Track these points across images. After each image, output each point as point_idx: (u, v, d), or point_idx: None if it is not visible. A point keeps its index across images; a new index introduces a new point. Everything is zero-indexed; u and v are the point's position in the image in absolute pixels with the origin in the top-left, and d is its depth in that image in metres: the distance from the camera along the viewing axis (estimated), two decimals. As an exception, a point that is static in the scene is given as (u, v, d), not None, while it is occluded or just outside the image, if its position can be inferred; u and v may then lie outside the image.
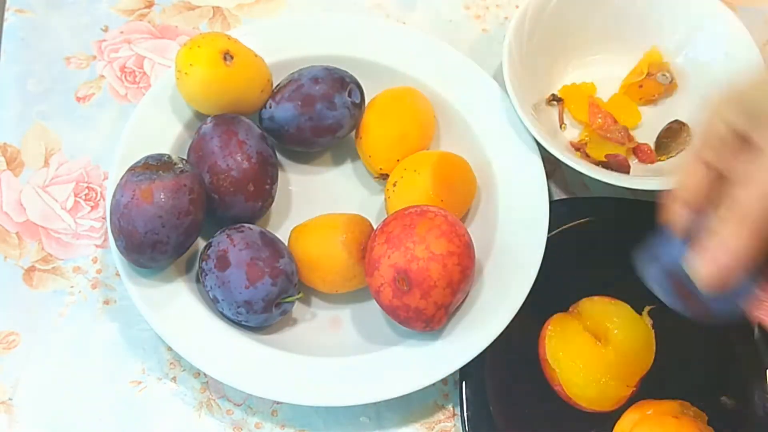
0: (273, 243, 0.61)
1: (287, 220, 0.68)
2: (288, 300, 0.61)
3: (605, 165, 0.69)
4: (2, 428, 0.61)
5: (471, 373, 0.61)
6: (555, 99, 0.73)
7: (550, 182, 0.69)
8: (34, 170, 0.70)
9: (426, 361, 0.60)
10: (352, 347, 0.63)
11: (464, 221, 0.67)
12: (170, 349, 0.62)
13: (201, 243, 0.64)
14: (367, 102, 0.68)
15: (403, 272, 0.58)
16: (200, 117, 0.67)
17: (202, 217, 0.61)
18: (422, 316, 0.59)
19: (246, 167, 0.62)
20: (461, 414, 0.61)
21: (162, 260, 0.61)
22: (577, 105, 0.73)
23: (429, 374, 0.60)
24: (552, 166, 0.69)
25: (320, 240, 0.63)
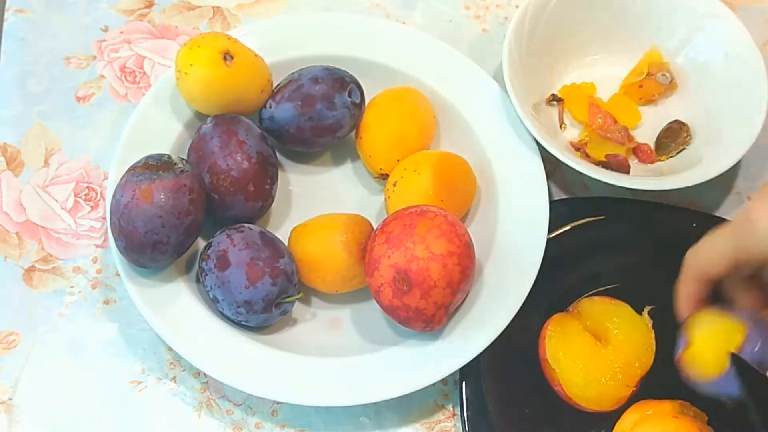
0: (273, 243, 0.61)
1: (287, 220, 0.68)
2: (288, 300, 0.61)
3: (605, 165, 0.69)
4: (2, 428, 0.61)
5: (471, 373, 0.61)
6: (555, 99, 0.73)
7: (550, 182, 0.69)
8: (34, 170, 0.70)
9: (426, 361, 0.60)
10: (352, 347, 0.63)
11: (464, 221, 0.67)
12: (170, 349, 0.62)
13: (201, 243, 0.64)
14: (367, 102, 0.68)
15: (403, 272, 0.58)
16: (200, 117, 0.67)
17: (202, 217, 0.61)
18: (422, 316, 0.59)
19: (246, 167, 0.62)
20: (461, 414, 0.61)
21: (162, 260, 0.61)
22: (577, 105, 0.73)
23: (429, 374, 0.60)
24: (552, 166, 0.69)
25: (320, 240, 0.63)
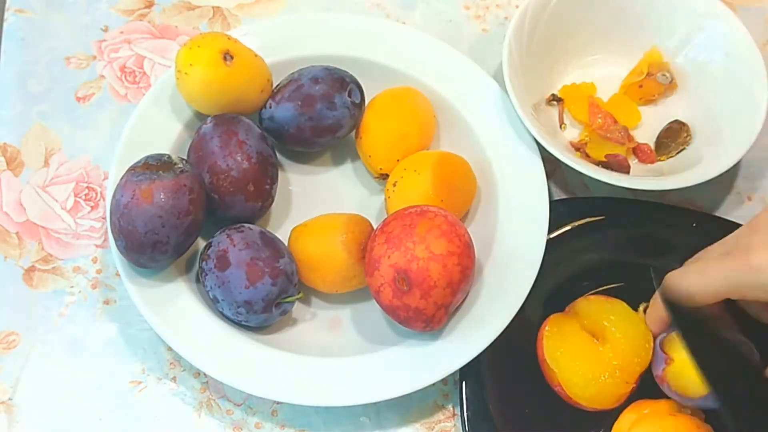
0: (273, 243, 0.61)
1: (287, 220, 0.68)
2: (288, 300, 0.61)
3: (605, 165, 0.69)
4: (2, 428, 0.61)
5: (471, 373, 0.61)
6: (555, 99, 0.73)
7: (550, 182, 0.69)
8: (34, 170, 0.70)
9: (426, 361, 0.60)
10: (352, 347, 0.63)
11: (464, 221, 0.67)
12: (170, 349, 0.62)
13: (201, 243, 0.64)
14: (367, 102, 0.68)
15: (403, 272, 0.58)
16: (200, 117, 0.67)
17: (202, 217, 0.61)
18: (422, 316, 0.59)
19: (246, 167, 0.62)
20: (461, 414, 0.60)
21: (162, 260, 0.61)
22: (577, 105, 0.73)
23: (429, 374, 0.60)
24: (552, 166, 0.69)
25: (320, 240, 0.63)
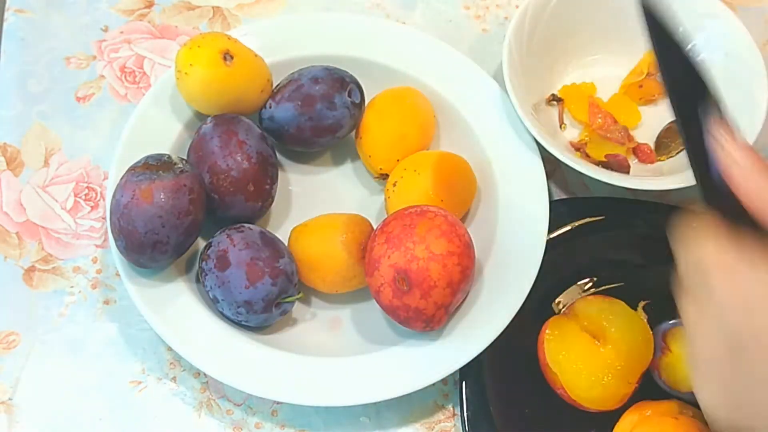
0: (273, 243, 0.61)
1: (287, 220, 0.68)
2: (288, 300, 0.61)
3: (605, 165, 0.69)
4: (2, 428, 0.61)
5: (471, 373, 0.61)
6: (555, 99, 0.73)
7: (550, 182, 0.69)
8: (34, 170, 0.70)
9: (426, 361, 0.60)
10: (352, 347, 0.63)
11: (464, 221, 0.67)
12: (170, 349, 0.62)
13: (201, 243, 0.64)
14: (367, 102, 0.68)
15: (403, 272, 0.58)
16: (200, 117, 0.67)
17: (202, 217, 0.61)
18: (422, 316, 0.59)
19: (246, 167, 0.62)
20: (461, 414, 0.60)
21: (162, 260, 0.61)
22: (577, 105, 0.73)
23: (429, 374, 0.60)
24: (552, 166, 0.69)
25: (320, 240, 0.63)
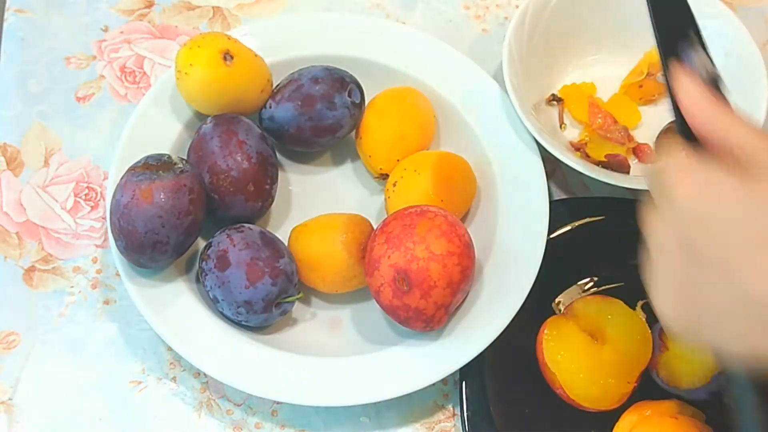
0: (273, 243, 0.61)
1: (287, 220, 0.68)
2: (288, 300, 0.61)
3: (605, 165, 0.69)
4: (2, 428, 0.61)
5: (471, 373, 0.61)
6: (555, 99, 0.73)
7: (550, 182, 0.69)
8: (34, 170, 0.70)
9: (426, 361, 0.60)
10: (352, 347, 0.63)
11: (464, 221, 0.67)
12: (170, 349, 0.62)
13: (201, 243, 0.64)
14: (367, 102, 0.68)
15: (403, 272, 0.58)
16: (200, 117, 0.67)
17: (202, 217, 0.61)
18: (422, 316, 0.59)
19: (246, 167, 0.62)
20: (461, 414, 0.60)
21: (162, 260, 0.61)
22: (577, 105, 0.73)
23: (429, 374, 0.60)
24: (552, 166, 0.69)
25: (320, 240, 0.63)
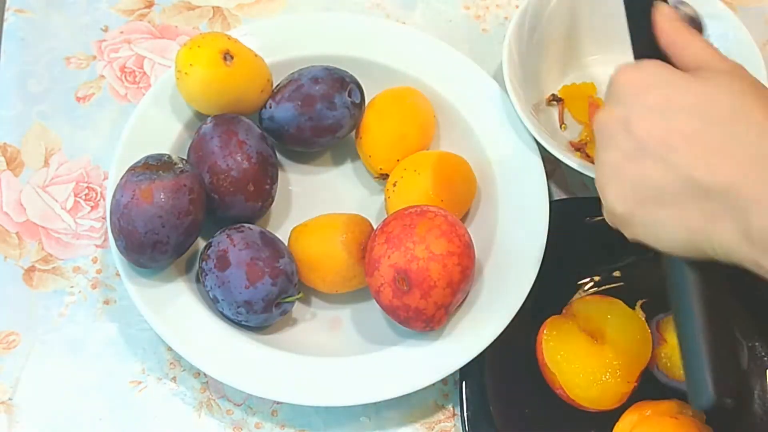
0: (273, 243, 0.61)
1: (287, 220, 0.68)
2: (288, 300, 0.61)
3: (605, 165, 0.69)
4: (2, 428, 0.61)
5: (471, 373, 0.61)
6: (555, 99, 0.73)
7: (550, 182, 0.69)
8: (34, 170, 0.70)
9: (426, 361, 0.60)
10: (352, 347, 0.63)
11: (464, 221, 0.67)
12: (170, 349, 0.62)
13: (201, 243, 0.64)
14: (367, 102, 0.68)
15: (403, 272, 0.58)
16: (200, 117, 0.67)
17: (202, 217, 0.61)
18: (422, 316, 0.59)
19: (246, 167, 0.62)
20: (461, 414, 0.60)
21: (162, 260, 0.61)
22: (577, 105, 0.73)
23: (429, 374, 0.60)
24: (552, 166, 0.69)
25: (320, 240, 0.63)
